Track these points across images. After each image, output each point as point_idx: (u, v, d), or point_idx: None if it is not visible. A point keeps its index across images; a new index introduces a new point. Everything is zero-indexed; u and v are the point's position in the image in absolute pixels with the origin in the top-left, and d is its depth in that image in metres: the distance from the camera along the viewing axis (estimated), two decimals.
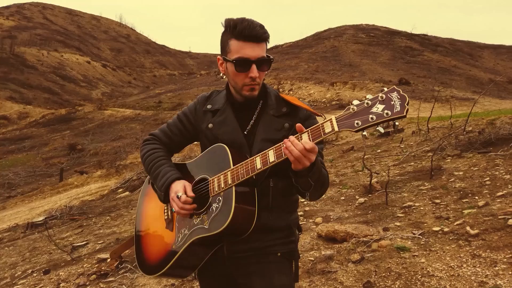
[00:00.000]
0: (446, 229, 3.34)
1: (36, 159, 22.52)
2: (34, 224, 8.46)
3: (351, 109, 1.28)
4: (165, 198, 1.55)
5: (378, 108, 1.23)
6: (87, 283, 3.90)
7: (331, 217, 4.35)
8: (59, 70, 57.70)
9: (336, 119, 1.29)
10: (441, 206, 3.96)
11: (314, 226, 4.05)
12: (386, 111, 1.21)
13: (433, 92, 16.91)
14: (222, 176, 1.46)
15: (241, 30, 1.45)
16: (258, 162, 1.40)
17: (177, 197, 1.48)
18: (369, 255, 3.14)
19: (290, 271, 1.58)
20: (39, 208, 12.15)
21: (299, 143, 1.31)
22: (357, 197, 4.91)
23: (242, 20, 1.47)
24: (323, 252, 3.35)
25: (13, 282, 4.59)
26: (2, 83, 48.08)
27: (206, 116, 1.63)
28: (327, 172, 1.57)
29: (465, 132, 6.70)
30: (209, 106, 1.63)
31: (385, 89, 1.26)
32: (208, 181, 1.52)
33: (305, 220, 4.39)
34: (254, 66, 1.48)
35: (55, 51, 62.64)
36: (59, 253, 5.31)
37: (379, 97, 1.24)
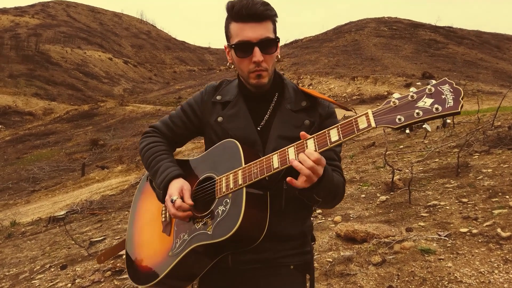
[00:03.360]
0: (474, 231, 3.13)
1: (60, 154, 23.04)
2: (56, 218, 8.62)
3: (391, 103, 1.10)
4: (163, 197, 1.39)
5: (425, 102, 1.06)
6: (102, 280, 3.87)
7: (351, 215, 4.19)
8: (82, 67, 58.88)
9: (373, 113, 1.11)
10: (469, 205, 3.73)
11: (333, 225, 3.90)
12: (436, 106, 1.03)
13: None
14: (231, 175, 1.30)
15: (239, 9, 1.29)
16: (275, 160, 1.22)
17: (171, 201, 1.32)
18: (391, 257, 2.97)
19: (304, 286, 1.40)
20: (61, 202, 12.40)
21: (307, 159, 1.15)
22: (378, 195, 4.72)
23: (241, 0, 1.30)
24: (342, 253, 3.20)
25: (31, 276, 4.63)
26: (28, 80, 49.44)
27: (215, 108, 1.46)
28: (344, 178, 1.41)
29: (493, 127, 6.39)
30: (218, 97, 1.47)
31: (434, 81, 1.08)
32: (215, 181, 1.35)
33: (323, 218, 4.24)
34: (256, 49, 1.30)
35: (78, 48, 63.94)
36: (77, 248, 5.34)
37: (427, 90, 1.07)
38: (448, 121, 1.08)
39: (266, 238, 1.28)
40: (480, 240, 2.98)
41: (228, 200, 1.28)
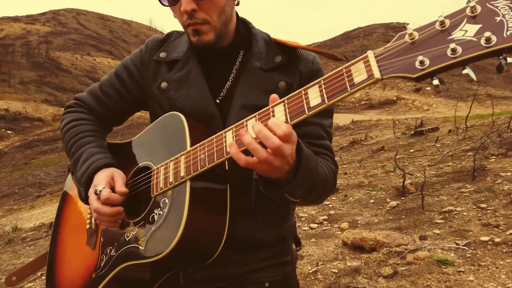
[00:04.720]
0: (497, 239, 2.83)
1: (67, 159, 23.06)
2: None
3: (406, 37, 0.67)
4: (86, 195, 1.02)
5: (466, 31, 0.63)
6: None
7: (359, 222, 3.90)
8: (91, 73, 59.49)
9: (375, 56, 0.69)
10: (488, 211, 3.43)
11: (339, 232, 3.62)
12: (486, 35, 0.60)
13: (469, 91, 16.04)
14: (171, 163, 0.93)
15: None
16: (229, 139, 0.84)
17: (95, 193, 0.97)
18: (403, 268, 2.67)
19: None
20: None
21: (268, 133, 0.74)
22: (388, 200, 4.42)
23: None
24: (348, 263, 2.91)
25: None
26: (38, 86, 50.04)
27: (159, 70, 1.08)
28: (335, 163, 1.03)
29: (509, 130, 6.07)
30: (162, 55, 1.09)
31: None
32: (152, 172, 0.98)
33: (329, 225, 3.96)
34: None
35: (88, 55, 64.72)
36: None
37: (467, 11, 0.64)
38: (509, 60, 0.59)
39: (231, 247, 0.93)
40: (504, 250, 2.67)
41: (167, 200, 0.91)
